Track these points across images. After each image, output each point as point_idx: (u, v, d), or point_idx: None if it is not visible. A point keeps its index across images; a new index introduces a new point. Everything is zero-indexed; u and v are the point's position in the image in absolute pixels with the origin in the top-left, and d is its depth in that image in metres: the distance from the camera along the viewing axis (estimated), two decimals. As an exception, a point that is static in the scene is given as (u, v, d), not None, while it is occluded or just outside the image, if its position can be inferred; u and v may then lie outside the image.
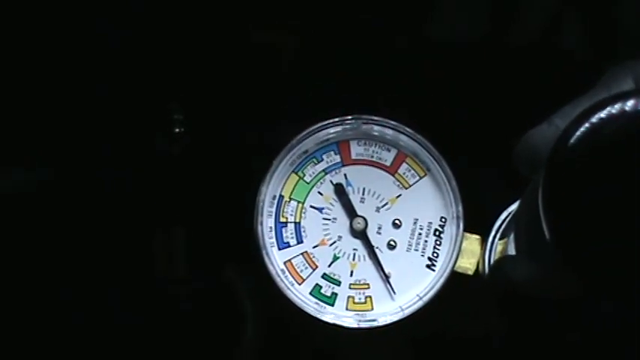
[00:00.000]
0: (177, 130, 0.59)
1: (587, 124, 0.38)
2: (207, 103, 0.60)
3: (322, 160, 0.59)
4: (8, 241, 0.58)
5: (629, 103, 0.38)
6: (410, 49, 0.61)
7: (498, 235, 0.57)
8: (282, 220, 0.59)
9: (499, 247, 0.57)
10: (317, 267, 0.59)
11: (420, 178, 0.59)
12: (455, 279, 0.58)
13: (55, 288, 0.59)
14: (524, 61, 0.63)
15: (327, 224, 0.59)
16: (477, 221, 0.58)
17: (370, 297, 0.59)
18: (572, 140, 0.37)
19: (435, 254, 0.59)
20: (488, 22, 0.62)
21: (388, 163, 0.59)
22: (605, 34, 0.62)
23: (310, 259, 0.59)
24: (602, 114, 0.38)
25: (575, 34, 0.62)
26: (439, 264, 0.59)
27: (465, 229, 0.58)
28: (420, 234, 0.59)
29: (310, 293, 0.59)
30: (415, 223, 0.59)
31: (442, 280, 0.58)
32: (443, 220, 0.59)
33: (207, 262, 0.60)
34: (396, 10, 0.61)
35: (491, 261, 0.57)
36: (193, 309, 0.59)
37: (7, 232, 0.58)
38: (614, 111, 0.38)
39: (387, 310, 0.58)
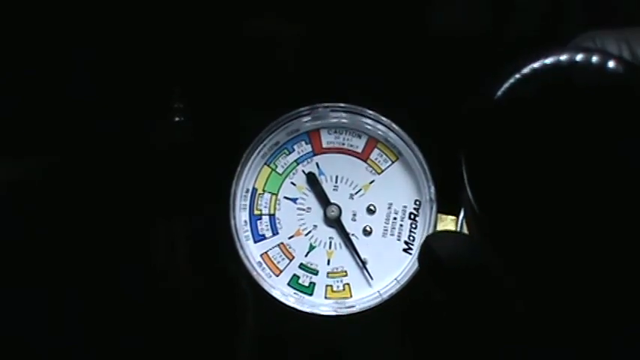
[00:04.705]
0: (177, 119, 0.59)
1: (517, 75, 0.37)
2: (206, 95, 0.59)
3: (294, 150, 0.59)
4: (7, 232, 0.58)
5: (564, 56, 0.37)
6: (405, 43, 0.61)
7: None
8: (257, 212, 0.59)
9: None
10: (294, 257, 0.59)
11: (392, 162, 0.59)
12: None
13: (54, 281, 0.58)
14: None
15: (301, 214, 0.59)
16: (452, 202, 0.58)
17: (348, 284, 0.58)
18: (498, 93, 0.36)
19: (411, 237, 0.58)
20: (487, 16, 0.61)
21: (360, 150, 0.59)
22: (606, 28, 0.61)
23: (287, 250, 0.59)
24: (535, 64, 0.37)
25: (576, 29, 0.62)
26: (415, 247, 0.58)
27: (440, 211, 0.58)
28: (395, 218, 0.59)
29: (288, 284, 0.59)
30: (390, 207, 0.59)
31: (419, 263, 0.57)
32: (417, 203, 0.59)
33: (206, 255, 0.60)
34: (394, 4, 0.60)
35: None
36: (193, 301, 0.59)
37: (5, 223, 0.59)
38: (547, 62, 0.37)
39: (365, 296, 0.58)
